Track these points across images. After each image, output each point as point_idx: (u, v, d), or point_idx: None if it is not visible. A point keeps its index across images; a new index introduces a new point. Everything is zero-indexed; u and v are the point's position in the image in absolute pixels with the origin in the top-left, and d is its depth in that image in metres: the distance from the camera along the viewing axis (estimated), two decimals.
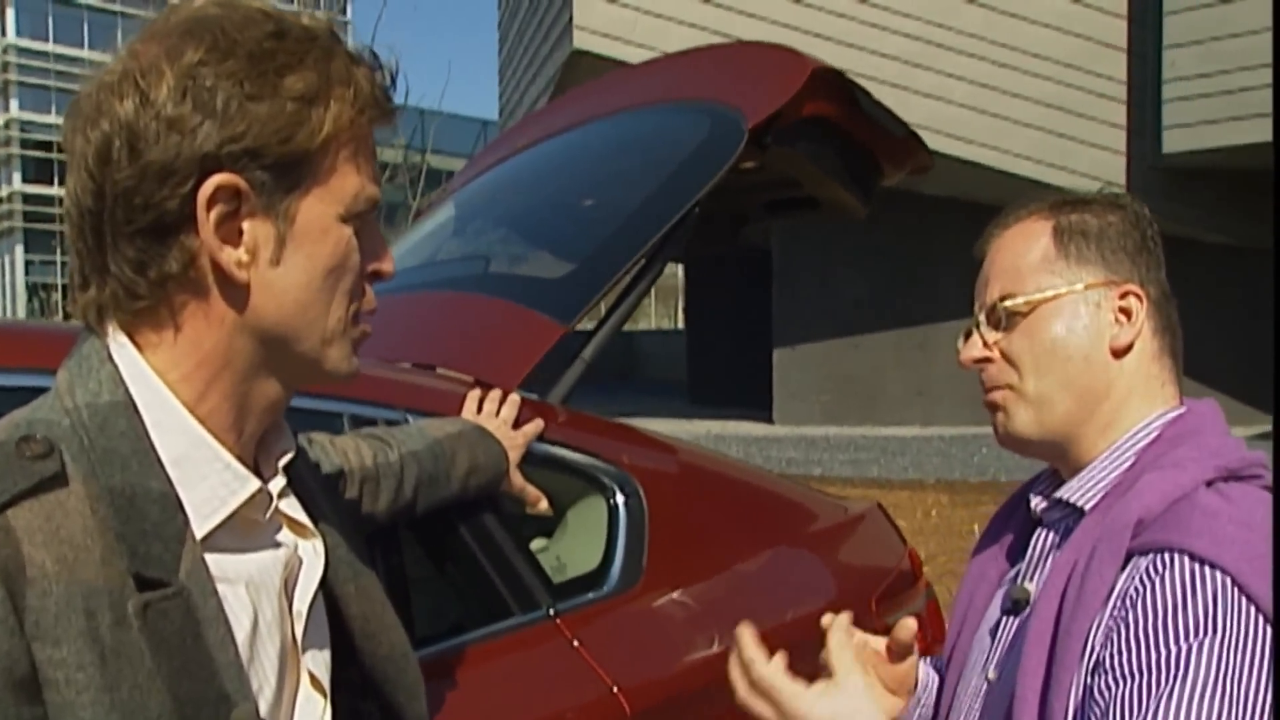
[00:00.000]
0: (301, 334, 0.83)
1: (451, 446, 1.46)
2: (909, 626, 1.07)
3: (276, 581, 0.87)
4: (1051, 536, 1.09)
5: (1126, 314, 1.06)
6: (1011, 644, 1.08)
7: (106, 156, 0.77)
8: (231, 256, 0.79)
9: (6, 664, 0.71)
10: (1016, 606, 1.09)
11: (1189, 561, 0.91)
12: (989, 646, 1.12)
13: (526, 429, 1.64)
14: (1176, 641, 0.88)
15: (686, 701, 1.63)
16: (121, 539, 0.75)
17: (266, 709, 0.83)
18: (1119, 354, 1.06)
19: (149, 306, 0.80)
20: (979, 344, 1.11)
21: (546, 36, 12.46)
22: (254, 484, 0.83)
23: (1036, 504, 1.12)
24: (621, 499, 1.76)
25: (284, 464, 0.89)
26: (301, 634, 0.89)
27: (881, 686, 1.10)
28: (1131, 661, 0.90)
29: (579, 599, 1.66)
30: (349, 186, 0.83)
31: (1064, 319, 1.06)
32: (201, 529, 0.80)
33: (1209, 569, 0.90)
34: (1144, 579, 0.93)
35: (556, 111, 2.76)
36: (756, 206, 2.62)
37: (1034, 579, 1.09)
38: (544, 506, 1.64)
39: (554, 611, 1.60)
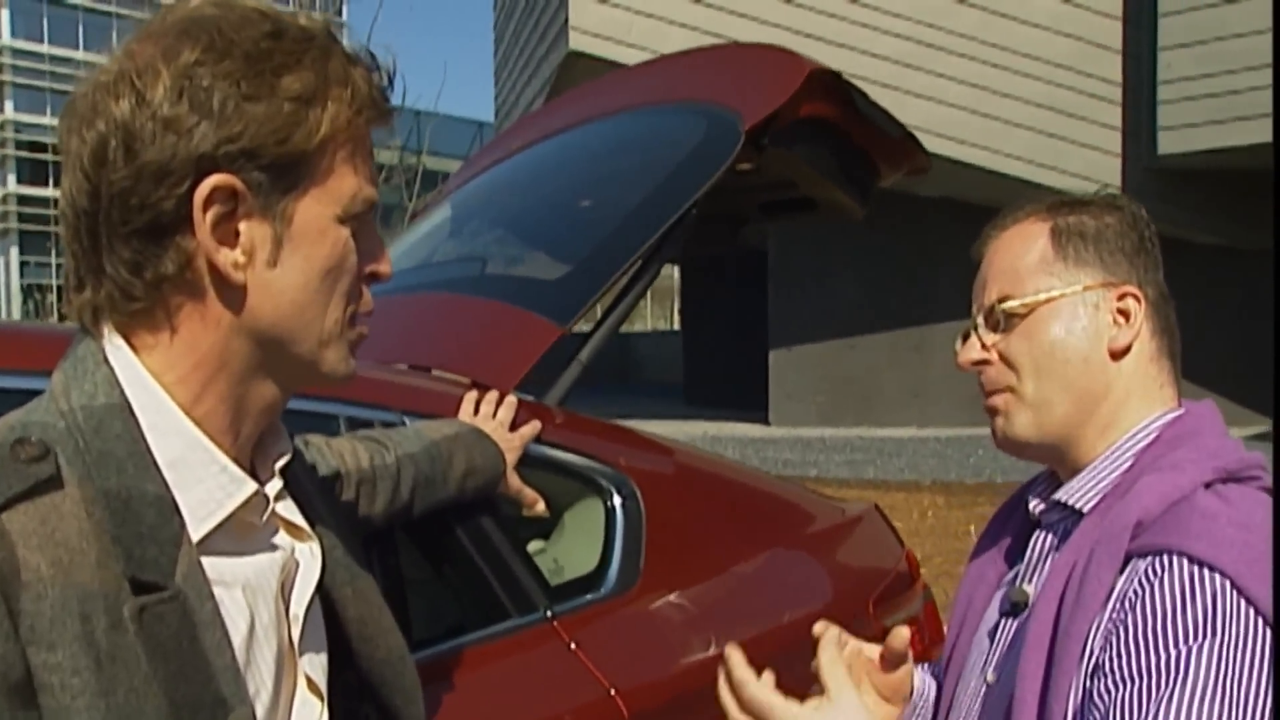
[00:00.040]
0: (298, 336, 0.83)
1: (448, 448, 1.46)
2: (902, 635, 1.07)
3: (273, 585, 0.86)
4: (1050, 538, 1.09)
5: (1125, 315, 1.06)
6: (1010, 646, 1.07)
7: (102, 157, 0.77)
8: (228, 258, 0.79)
9: (1, 669, 0.70)
10: (1015, 608, 1.09)
11: (1188, 564, 0.91)
12: (988, 648, 1.11)
13: (523, 431, 1.63)
14: (1176, 645, 0.88)
15: (684, 704, 1.62)
16: (117, 542, 0.75)
17: (263, 713, 0.83)
18: (1117, 355, 1.06)
19: (145, 308, 0.80)
20: (977, 346, 1.11)
21: (542, 38, 12.46)
22: (250, 487, 0.83)
23: (1035, 506, 1.12)
24: (619, 501, 1.76)
25: (280, 466, 0.89)
26: (298, 637, 0.89)
27: (876, 695, 1.10)
28: (1131, 665, 0.90)
29: (576, 601, 1.66)
30: (346, 187, 0.83)
31: (1062, 321, 1.06)
32: (198, 532, 0.79)
33: (1208, 571, 0.90)
34: (1143, 581, 0.92)
35: (553, 113, 2.76)
36: (753, 208, 2.61)
37: (1032, 581, 1.09)
38: (541, 508, 1.63)
39: (551, 614, 1.60)
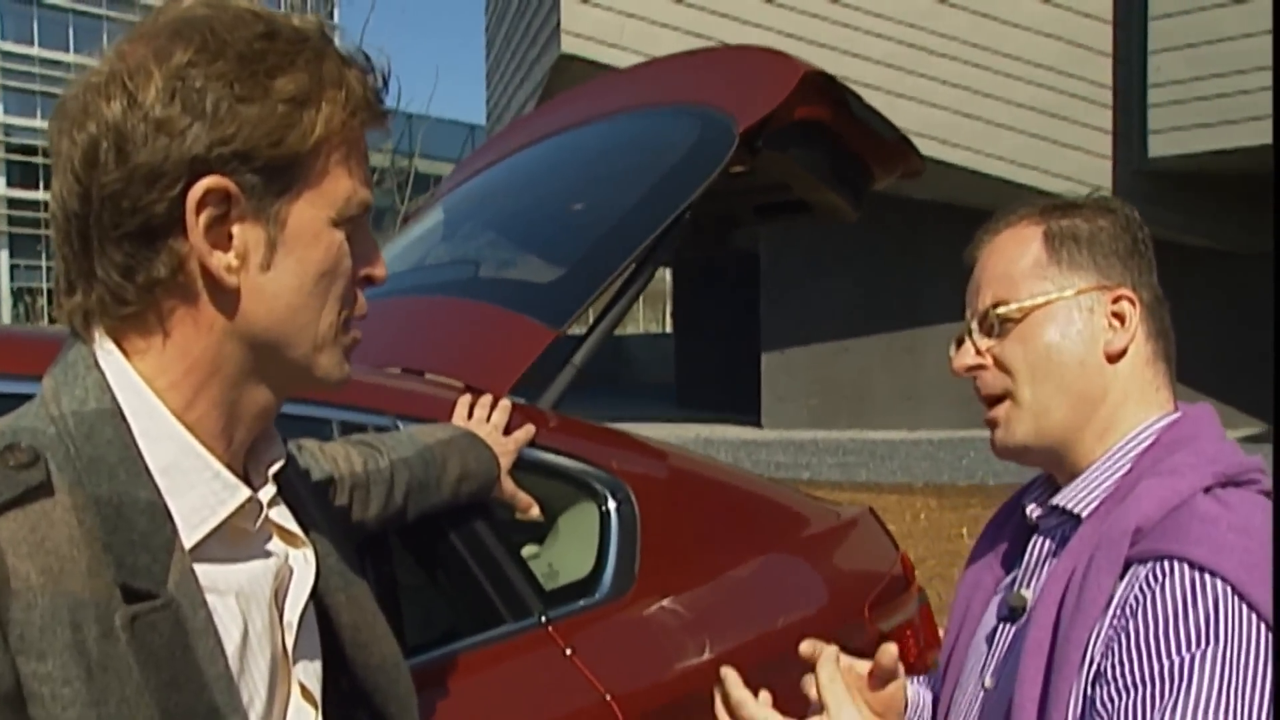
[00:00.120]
0: (292, 340, 0.82)
1: (442, 453, 1.45)
2: (890, 652, 1.07)
3: (267, 592, 0.85)
4: (1048, 543, 1.09)
5: (1120, 318, 1.06)
6: (1008, 651, 1.07)
7: (93, 159, 0.76)
8: (221, 261, 0.78)
9: None
10: (1013, 613, 1.09)
11: (1188, 570, 0.90)
12: (985, 654, 1.11)
13: (517, 435, 1.63)
14: (1178, 652, 0.88)
15: (680, 709, 1.61)
16: (108, 549, 0.74)
17: None
18: (1113, 359, 1.05)
19: (137, 312, 0.79)
20: (971, 351, 1.10)
21: (534, 41, 12.46)
22: (244, 493, 0.82)
23: (1032, 511, 1.11)
24: (613, 505, 1.75)
25: (274, 472, 0.88)
26: (292, 645, 0.88)
27: (869, 711, 1.09)
28: (1133, 672, 0.89)
29: (571, 606, 1.65)
30: (341, 190, 0.82)
31: (1057, 325, 1.06)
32: (190, 539, 0.78)
33: (1209, 577, 0.89)
34: (1143, 588, 0.92)
35: (547, 115, 2.75)
36: (747, 210, 2.61)
37: (1030, 586, 1.08)
38: (535, 513, 1.63)
39: (546, 619, 1.59)
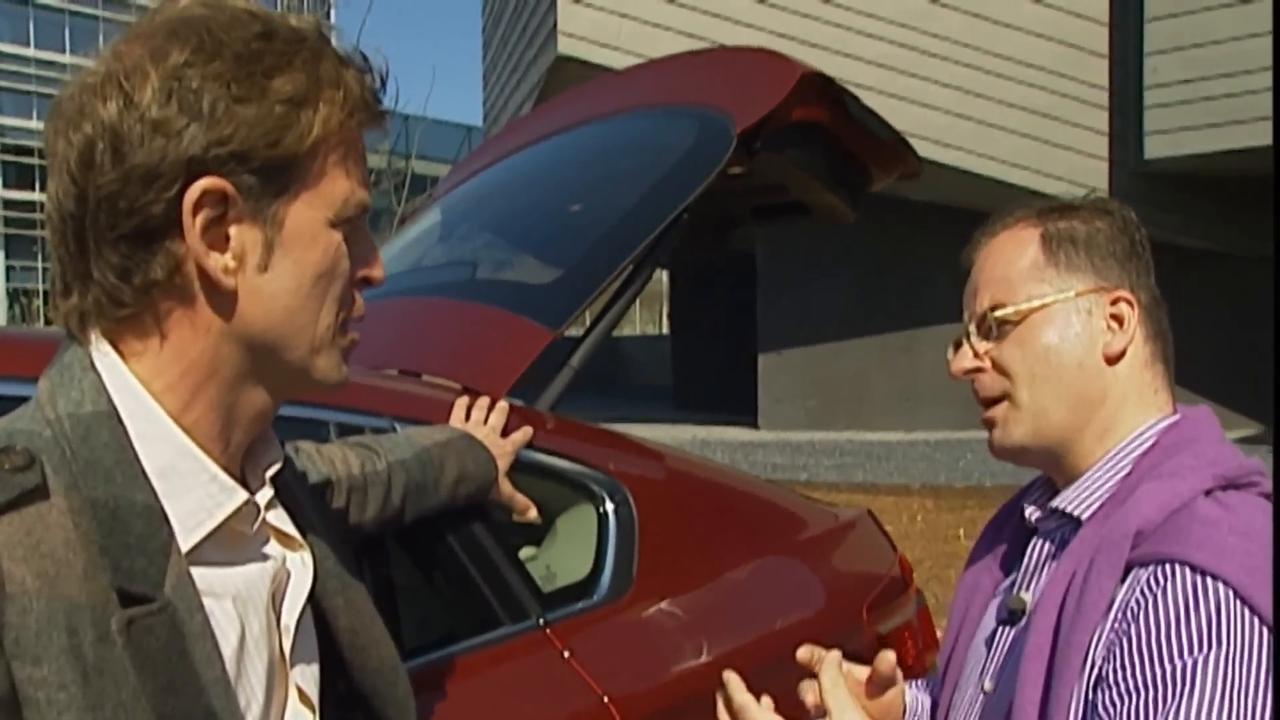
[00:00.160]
0: (290, 342, 0.81)
1: (440, 455, 1.45)
2: (888, 659, 1.06)
3: (264, 595, 0.85)
4: (1047, 546, 1.08)
5: (1118, 320, 1.05)
6: (1008, 654, 1.07)
7: (89, 160, 0.75)
8: (218, 262, 0.77)
9: None
10: (1013, 616, 1.08)
11: (1190, 573, 0.90)
12: (984, 657, 1.11)
13: (515, 436, 1.62)
14: (1181, 656, 0.88)
15: (678, 711, 1.61)
16: (105, 553, 0.73)
17: None
18: (1112, 361, 1.05)
19: (133, 314, 0.78)
20: (969, 354, 1.10)
21: (531, 42, 12.46)
22: (241, 496, 0.82)
23: (1031, 513, 1.11)
24: (611, 506, 1.75)
25: (271, 475, 0.87)
26: (290, 648, 0.87)
27: (869, 716, 1.09)
28: (1136, 677, 0.89)
29: (569, 608, 1.65)
30: (338, 191, 0.81)
31: (1056, 327, 1.05)
32: (187, 542, 0.78)
33: (1210, 580, 0.89)
34: (1145, 591, 0.92)
35: (544, 116, 2.75)
36: (745, 211, 2.61)
37: (1030, 589, 1.08)
38: (533, 515, 1.62)
39: (544, 621, 1.59)
